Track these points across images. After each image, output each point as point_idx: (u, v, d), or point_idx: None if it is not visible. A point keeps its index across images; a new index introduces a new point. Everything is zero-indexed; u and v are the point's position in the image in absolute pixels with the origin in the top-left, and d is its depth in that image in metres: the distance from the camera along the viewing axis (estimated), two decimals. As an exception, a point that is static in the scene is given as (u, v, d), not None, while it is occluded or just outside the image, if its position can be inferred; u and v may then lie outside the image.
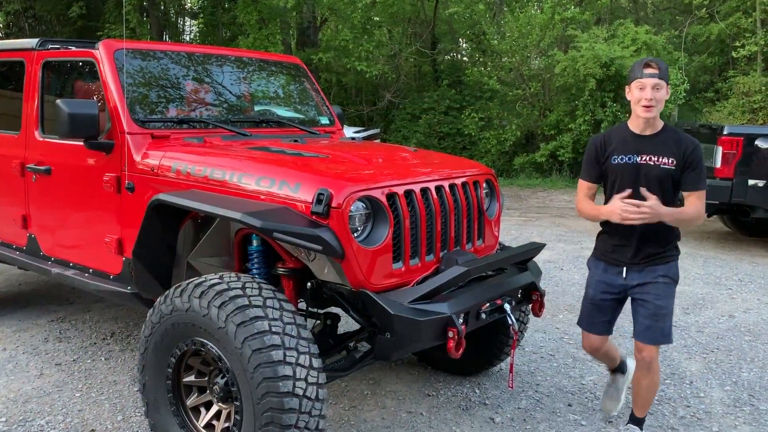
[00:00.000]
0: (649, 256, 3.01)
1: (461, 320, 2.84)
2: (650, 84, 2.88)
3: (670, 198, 2.98)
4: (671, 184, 2.95)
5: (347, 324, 3.97)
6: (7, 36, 16.94)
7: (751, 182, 7.25)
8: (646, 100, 2.88)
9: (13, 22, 16.92)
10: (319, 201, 2.75)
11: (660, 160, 2.93)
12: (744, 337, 4.90)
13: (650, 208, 2.79)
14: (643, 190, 2.84)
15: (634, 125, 3.02)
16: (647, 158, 2.95)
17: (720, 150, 7.26)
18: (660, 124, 3.01)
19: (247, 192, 2.98)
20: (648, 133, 2.99)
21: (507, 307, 3.09)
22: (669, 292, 3.02)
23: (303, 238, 2.67)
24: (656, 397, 3.82)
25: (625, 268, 3.06)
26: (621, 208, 2.83)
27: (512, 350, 3.26)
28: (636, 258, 3.02)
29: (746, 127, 8.84)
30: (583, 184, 3.19)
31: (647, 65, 2.90)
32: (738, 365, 4.36)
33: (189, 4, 20.43)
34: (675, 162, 2.92)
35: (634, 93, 2.94)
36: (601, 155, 3.08)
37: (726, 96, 15.91)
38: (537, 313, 3.41)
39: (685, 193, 2.98)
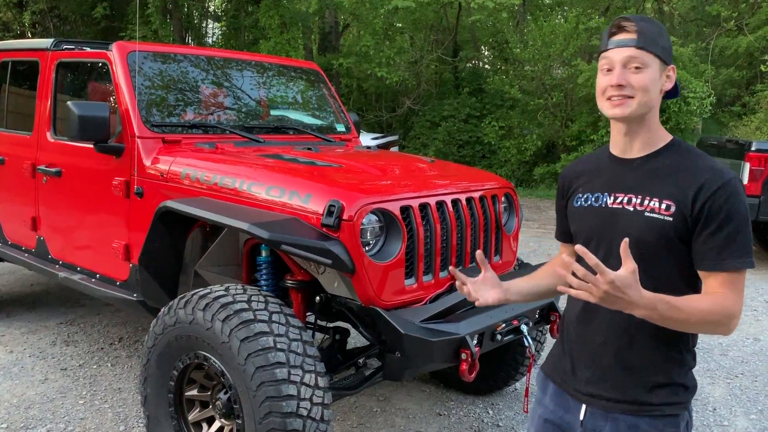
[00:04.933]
0: (627, 393, 1.62)
1: (475, 341, 2.71)
2: (619, 59, 1.57)
3: (667, 278, 1.58)
4: (668, 250, 1.57)
5: (358, 338, 3.86)
6: (32, 35, 17.14)
7: (779, 200, 7.05)
8: (613, 87, 1.58)
9: (38, 22, 17.10)
10: (329, 213, 2.65)
11: (647, 203, 1.58)
12: (770, 362, 4.72)
13: (612, 283, 1.36)
14: (624, 247, 1.38)
15: (613, 142, 1.70)
16: (625, 199, 1.62)
17: (747, 166, 7.07)
18: (663, 138, 1.65)
19: (256, 201, 2.89)
20: (635, 154, 1.65)
21: (524, 328, 2.96)
22: None
23: (312, 251, 2.57)
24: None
25: (583, 407, 1.68)
26: (560, 264, 1.51)
27: (528, 373, 3.12)
28: (604, 391, 1.64)
29: (775, 143, 8.61)
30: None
31: (618, 27, 1.60)
32: (764, 392, 4.17)
33: (212, 7, 20.55)
34: (675, 208, 1.54)
35: (598, 79, 1.64)
36: (565, 193, 1.82)
37: (753, 110, 15.60)
38: (555, 334, 3.27)
39: (702, 273, 1.56)
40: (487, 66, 19.40)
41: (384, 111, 17.50)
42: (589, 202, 1.69)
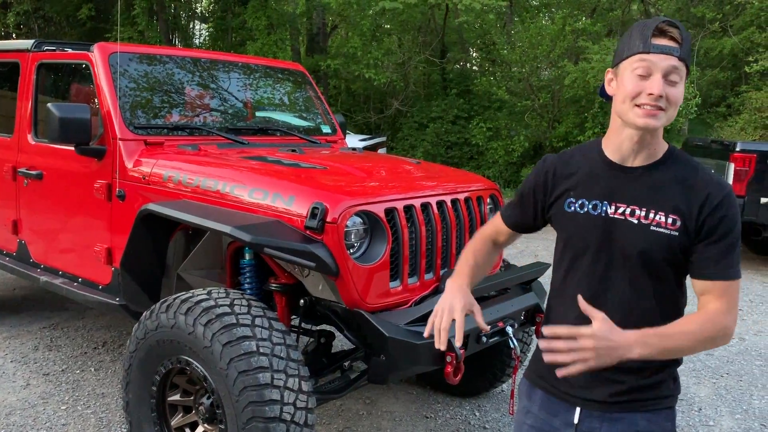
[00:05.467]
0: (624, 392, 1.60)
1: (460, 344, 2.69)
2: (663, 66, 1.46)
3: (668, 290, 1.60)
4: (671, 263, 1.56)
5: (343, 341, 3.83)
6: (17, 36, 16.99)
7: (763, 200, 7.11)
8: (650, 95, 1.47)
9: (23, 23, 16.95)
10: (313, 215, 2.62)
11: (652, 216, 1.54)
12: (755, 361, 4.73)
13: (594, 335, 1.39)
14: (582, 303, 1.46)
15: (614, 146, 1.61)
16: (627, 211, 1.57)
17: (732, 167, 7.12)
18: (662, 147, 1.59)
19: (239, 204, 2.86)
20: (637, 163, 1.59)
21: (509, 330, 2.95)
22: None
23: (295, 254, 2.55)
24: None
25: (578, 410, 1.65)
26: (541, 343, 1.49)
27: (514, 374, 3.11)
28: (598, 391, 1.62)
29: (760, 144, 8.71)
30: (494, 219, 1.88)
31: (661, 31, 1.48)
32: (749, 392, 4.19)
33: (200, 8, 20.46)
34: (681, 223, 1.52)
35: (625, 81, 1.52)
36: (546, 190, 1.71)
37: (738, 111, 15.72)
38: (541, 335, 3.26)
39: (697, 284, 1.56)
40: (474, 67, 19.45)
41: (372, 112, 17.49)
42: (586, 209, 1.61)
